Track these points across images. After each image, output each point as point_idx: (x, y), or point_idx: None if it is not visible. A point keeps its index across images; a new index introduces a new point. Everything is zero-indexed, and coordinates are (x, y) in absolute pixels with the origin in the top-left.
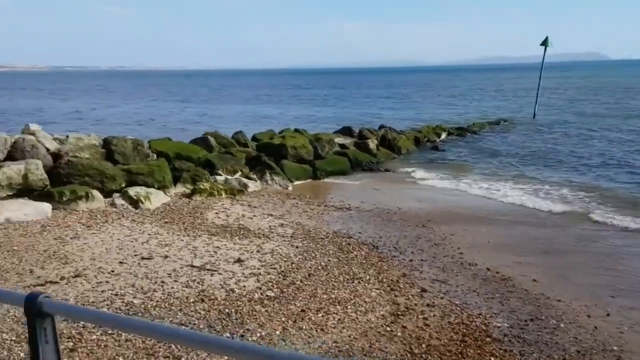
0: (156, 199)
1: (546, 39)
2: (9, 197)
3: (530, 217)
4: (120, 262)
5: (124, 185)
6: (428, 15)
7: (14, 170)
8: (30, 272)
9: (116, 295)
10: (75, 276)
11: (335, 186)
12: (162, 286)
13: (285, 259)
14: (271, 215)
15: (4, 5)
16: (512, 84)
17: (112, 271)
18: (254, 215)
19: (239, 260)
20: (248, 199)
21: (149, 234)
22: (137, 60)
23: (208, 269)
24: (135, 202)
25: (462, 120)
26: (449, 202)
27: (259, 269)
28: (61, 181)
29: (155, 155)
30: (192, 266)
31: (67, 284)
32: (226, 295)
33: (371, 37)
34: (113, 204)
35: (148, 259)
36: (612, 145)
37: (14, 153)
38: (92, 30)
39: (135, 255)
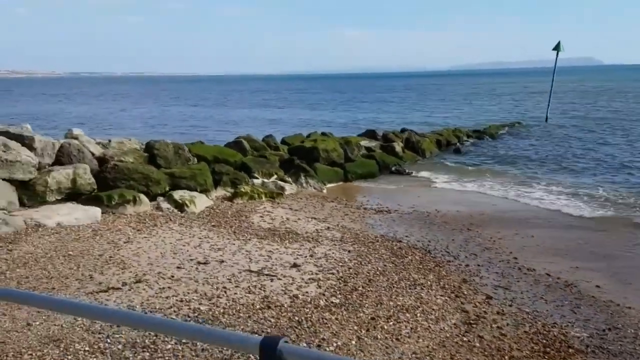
0: (200, 202)
1: (558, 43)
2: (57, 201)
3: (571, 221)
4: (178, 267)
5: (167, 189)
6: (427, 24)
7: (63, 174)
8: (90, 277)
9: (181, 301)
10: (137, 282)
11: (367, 189)
12: (225, 292)
13: (341, 264)
14: (315, 218)
15: (21, 14)
16: (513, 88)
17: (172, 276)
18: (298, 219)
19: (295, 265)
20: (287, 201)
21: (200, 238)
22: (149, 66)
23: (266, 274)
24: (180, 206)
25: (473, 123)
26: (485, 206)
27: (317, 274)
28: (108, 185)
29: (195, 159)
30: (250, 271)
31: (130, 290)
32: (291, 302)
33: (372, 44)
34: (158, 208)
35: (204, 263)
36: (632, 148)
37: (61, 157)
38: (107, 38)
39: (191, 259)
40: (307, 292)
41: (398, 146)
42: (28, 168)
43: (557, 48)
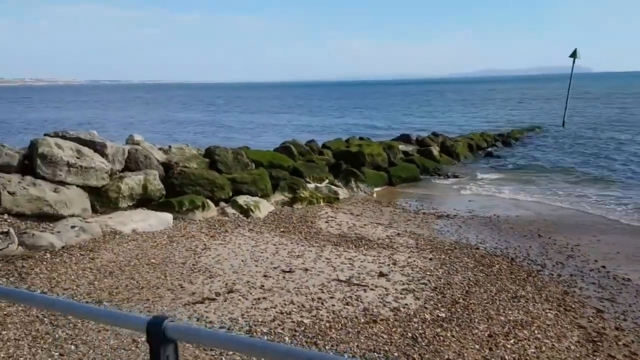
0: (264, 207)
1: (575, 51)
2: (129, 207)
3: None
4: (265, 276)
5: (231, 194)
6: (424, 35)
7: (135, 180)
8: (181, 287)
9: (282, 313)
10: (229, 292)
11: (414, 192)
12: (322, 303)
13: (428, 273)
14: (379, 224)
15: (44, 25)
16: (513, 94)
17: (262, 286)
18: (364, 225)
19: (382, 274)
20: (345, 206)
21: (274, 245)
22: (163, 74)
23: (357, 284)
24: (245, 211)
25: (487, 127)
26: (542, 211)
27: (408, 284)
28: (175, 191)
29: (253, 165)
30: (339, 280)
31: (225, 300)
32: (394, 315)
33: (371, 53)
34: (224, 213)
35: (289, 272)
36: None
37: (129, 163)
38: (125, 47)
39: (274, 267)
40: (406, 305)
41: (435, 150)
42: (101, 174)
43: (573, 55)
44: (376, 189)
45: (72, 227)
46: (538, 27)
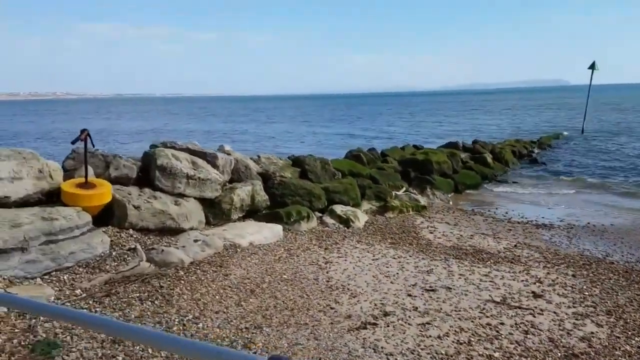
0: (361, 217)
1: (593, 63)
2: (239, 219)
3: None
4: (410, 295)
5: (326, 204)
6: (419, 50)
7: (245, 191)
8: (331, 308)
9: (460, 343)
10: (384, 315)
11: (485, 200)
12: (497, 331)
13: (586, 293)
14: (484, 234)
15: (75, 45)
16: (503, 104)
17: (416, 308)
18: (470, 235)
19: (536, 295)
20: (434, 214)
21: (394, 258)
22: (183, 87)
23: (517, 307)
24: (345, 221)
25: (508, 135)
26: (632, 217)
27: (574, 306)
28: (275, 201)
29: (340, 174)
30: (495, 302)
31: (387, 325)
32: (589, 347)
33: (372, 67)
34: (323, 223)
35: (432, 290)
36: None
37: (233, 174)
38: (147, 63)
39: (412, 285)
40: (592, 333)
41: (489, 157)
42: (215, 186)
43: (592, 67)
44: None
45: (195, 240)
46: (522, 44)
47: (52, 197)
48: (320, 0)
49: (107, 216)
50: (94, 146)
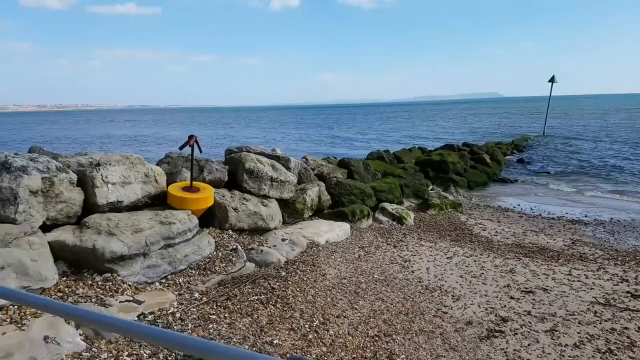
0: (409, 214)
1: (553, 76)
2: (308, 218)
3: None
4: (512, 298)
5: (375, 202)
6: (380, 68)
7: (314, 192)
8: (444, 313)
9: (603, 352)
10: (503, 320)
11: (498, 196)
12: (626, 336)
13: None
14: (532, 230)
15: (95, 65)
16: (452, 113)
17: (528, 312)
18: (523, 232)
19: (633, 295)
20: (471, 212)
21: (468, 257)
22: (184, 100)
23: (624, 308)
24: (398, 219)
25: (472, 138)
26: None
27: None
28: (334, 201)
29: (379, 174)
30: (602, 304)
31: (514, 333)
32: None
33: (341, 83)
34: (377, 220)
35: (529, 292)
36: None
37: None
38: (154, 79)
39: (506, 286)
40: None
41: (487, 157)
42: (291, 187)
43: (552, 80)
44: None
45: (283, 239)
46: (462, 60)
47: (155, 201)
48: (297, 29)
49: (206, 218)
50: (201, 152)
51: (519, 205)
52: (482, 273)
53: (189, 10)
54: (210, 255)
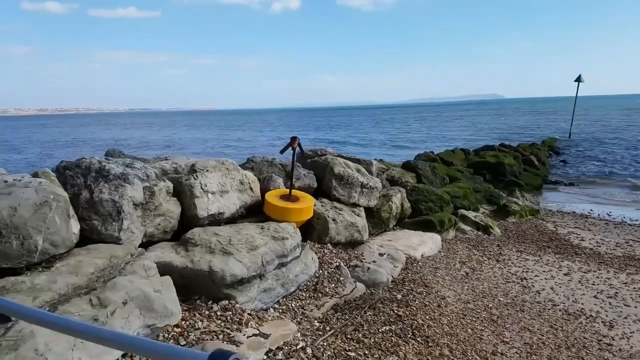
0: (494, 223)
1: (579, 76)
2: (392, 227)
3: None
4: None
5: (453, 209)
6: (380, 69)
7: (398, 199)
8: (607, 344)
9: None
10: None
11: (564, 202)
12: None
13: None
14: (634, 240)
15: (96, 68)
16: (469, 115)
17: None
18: (626, 241)
19: None
20: (551, 218)
21: (586, 272)
22: (185, 102)
23: None
24: (484, 228)
25: (498, 140)
26: None
27: None
28: (412, 208)
29: (447, 178)
30: None
31: None
32: None
33: (341, 84)
34: (459, 229)
35: None
36: None
37: None
38: (155, 83)
39: None
40: None
41: (534, 159)
42: (377, 194)
43: (578, 79)
44: None
45: (380, 254)
46: (464, 63)
47: (248, 211)
48: (297, 32)
49: (302, 231)
50: (303, 155)
51: (592, 210)
52: (616, 292)
53: (188, 12)
54: (317, 275)
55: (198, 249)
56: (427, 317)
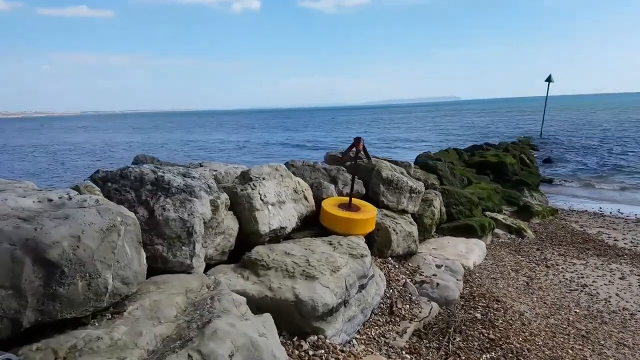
0: (526, 225)
1: (549, 76)
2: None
3: None
4: None
5: (481, 212)
6: (342, 72)
7: (438, 203)
8: None
9: None
10: None
11: (569, 199)
12: None
13: None
14: None
15: (45, 70)
16: (433, 116)
17: None
18: None
19: None
20: (568, 217)
21: (636, 275)
22: (140, 104)
23: None
24: (517, 231)
25: (471, 142)
26: None
27: None
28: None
29: (466, 179)
30: None
31: None
32: None
33: (311, 87)
34: (493, 233)
35: None
36: None
37: None
38: (109, 83)
39: None
40: None
41: (525, 158)
42: (420, 199)
43: (549, 79)
44: None
45: (437, 266)
46: (424, 66)
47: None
48: (258, 32)
49: None
50: (369, 158)
51: (601, 208)
52: None
53: (143, 12)
54: (387, 295)
55: (273, 273)
56: (521, 339)
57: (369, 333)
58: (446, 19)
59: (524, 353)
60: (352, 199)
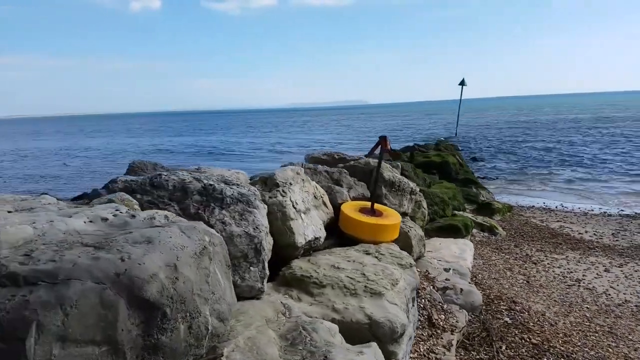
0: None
1: (463, 80)
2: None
3: None
4: None
5: (452, 212)
6: (254, 74)
7: (425, 203)
8: None
9: None
10: None
11: (511, 197)
12: None
13: None
14: (620, 230)
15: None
16: (336, 118)
17: None
18: (615, 231)
19: None
20: (522, 213)
21: (616, 267)
22: (28, 109)
23: None
24: (489, 229)
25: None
26: None
27: None
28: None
29: (427, 180)
30: None
31: None
32: None
33: (217, 89)
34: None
35: None
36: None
37: None
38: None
39: None
40: None
41: (459, 158)
42: (414, 200)
43: (462, 83)
44: None
45: (445, 269)
46: (337, 71)
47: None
48: (160, 32)
49: None
50: (392, 159)
51: (545, 203)
52: None
53: (33, 9)
54: (422, 305)
55: (330, 291)
56: (560, 341)
57: (419, 350)
58: (357, 22)
59: (573, 356)
60: (380, 206)
